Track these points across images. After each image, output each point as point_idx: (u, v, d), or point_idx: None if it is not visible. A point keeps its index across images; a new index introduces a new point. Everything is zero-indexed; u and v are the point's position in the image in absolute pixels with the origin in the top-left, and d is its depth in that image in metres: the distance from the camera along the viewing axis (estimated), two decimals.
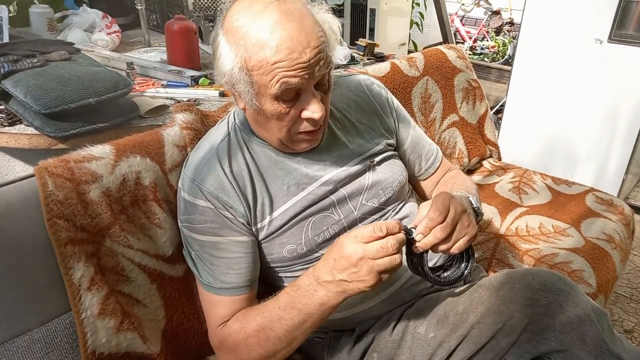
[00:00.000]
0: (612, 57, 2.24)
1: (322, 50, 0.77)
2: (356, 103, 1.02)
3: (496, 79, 4.73)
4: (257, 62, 0.75)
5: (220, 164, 0.88)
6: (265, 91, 0.77)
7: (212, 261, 0.87)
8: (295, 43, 0.74)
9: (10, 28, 1.74)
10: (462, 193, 0.93)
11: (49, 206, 0.78)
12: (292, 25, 0.75)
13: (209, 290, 0.88)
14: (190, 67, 1.69)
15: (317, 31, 0.77)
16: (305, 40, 0.75)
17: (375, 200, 0.96)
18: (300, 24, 0.75)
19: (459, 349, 0.85)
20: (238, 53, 0.77)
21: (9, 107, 1.27)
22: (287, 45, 0.74)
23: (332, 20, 0.83)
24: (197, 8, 2.23)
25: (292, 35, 0.74)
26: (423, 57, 1.69)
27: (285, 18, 0.75)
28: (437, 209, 0.78)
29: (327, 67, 0.79)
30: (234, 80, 0.79)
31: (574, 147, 2.47)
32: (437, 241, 0.77)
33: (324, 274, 0.75)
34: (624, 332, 1.78)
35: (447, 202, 0.79)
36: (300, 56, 0.74)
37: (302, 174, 0.91)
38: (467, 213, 0.82)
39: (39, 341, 0.80)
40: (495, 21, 5.67)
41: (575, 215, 1.49)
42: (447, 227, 0.77)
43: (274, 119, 0.81)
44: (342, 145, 0.96)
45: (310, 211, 0.91)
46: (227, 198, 0.86)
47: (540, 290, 0.83)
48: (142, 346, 0.86)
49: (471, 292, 0.89)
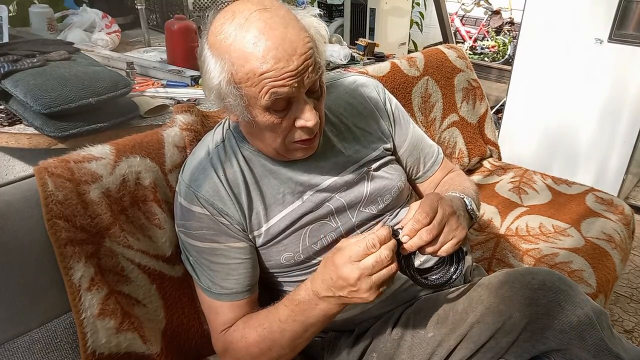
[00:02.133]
0: (612, 57, 2.24)
1: (310, 57, 0.75)
2: (352, 106, 1.00)
3: (496, 79, 4.72)
4: (244, 75, 0.73)
5: (215, 170, 0.87)
6: (255, 103, 0.76)
7: (210, 267, 0.87)
8: (280, 52, 0.72)
9: (10, 28, 1.74)
10: (457, 194, 0.91)
11: (49, 206, 0.78)
12: (276, 33, 0.73)
13: (209, 295, 0.88)
14: (190, 66, 1.69)
15: (303, 37, 0.74)
16: (291, 47, 0.73)
17: (373, 207, 0.96)
18: (285, 31, 0.73)
19: (458, 348, 0.85)
20: (224, 67, 0.75)
21: (8, 106, 1.27)
22: (273, 55, 0.72)
23: (318, 24, 0.81)
24: (197, 8, 2.23)
25: (276, 44, 0.72)
26: (423, 57, 1.69)
27: (268, 27, 0.73)
28: (424, 210, 0.76)
29: (317, 73, 0.77)
30: (223, 94, 0.77)
31: (574, 147, 2.47)
32: (423, 243, 0.75)
33: (323, 290, 0.75)
34: (624, 332, 1.78)
35: (435, 204, 0.77)
36: (287, 65, 0.72)
37: (297, 183, 0.90)
38: (457, 215, 0.80)
39: (39, 341, 0.80)
40: (495, 21, 5.67)
41: (575, 215, 1.49)
42: (433, 230, 0.75)
43: (267, 130, 0.80)
44: (337, 151, 0.95)
45: (307, 219, 0.90)
46: (223, 205, 0.86)
47: (539, 290, 0.82)
48: (142, 346, 0.86)
49: (470, 292, 0.89)
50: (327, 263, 0.75)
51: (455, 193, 0.92)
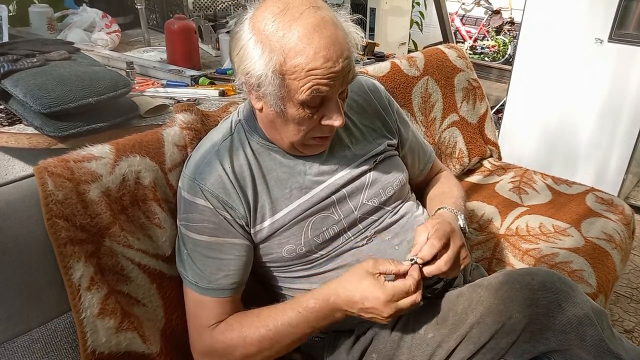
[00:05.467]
0: (612, 57, 2.24)
1: (351, 61, 0.79)
2: (358, 104, 1.03)
3: (496, 79, 4.72)
4: (291, 67, 0.76)
5: (222, 163, 0.88)
6: (293, 96, 0.78)
7: (203, 261, 0.87)
8: (331, 52, 0.75)
9: (10, 27, 1.74)
10: (453, 211, 0.98)
11: (49, 206, 0.78)
12: (328, 33, 0.76)
13: (195, 290, 0.88)
14: (190, 66, 1.69)
15: (347, 41, 0.79)
16: (340, 50, 0.76)
17: (375, 199, 0.96)
18: (335, 33, 0.77)
19: (458, 349, 0.85)
20: (273, 56, 0.76)
21: (8, 106, 1.27)
22: (324, 54, 0.75)
23: (355, 32, 0.84)
24: (197, 7, 2.23)
25: (328, 44, 0.75)
26: (423, 57, 1.69)
27: (322, 26, 0.76)
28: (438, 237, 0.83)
29: (352, 78, 0.82)
30: (262, 81, 0.78)
31: (575, 147, 2.47)
32: (439, 272, 0.83)
33: (347, 306, 0.80)
34: (624, 332, 1.78)
35: (447, 234, 0.85)
36: (334, 65, 0.76)
37: (305, 177, 0.91)
38: (465, 246, 0.88)
39: (38, 341, 0.80)
40: (495, 20, 5.67)
41: (575, 215, 1.49)
42: (449, 262, 0.83)
43: (294, 122, 0.82)
44: (345, 147, 0.97)
45: (310, 212, 0.91)
46: (227, 198, 0.86)
47: (539, 290, 0.83)
48: (142, 346, 0.86)
49: (470, 292, 0.89)
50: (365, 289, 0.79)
51: (451, 210, 0.98)
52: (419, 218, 1.02)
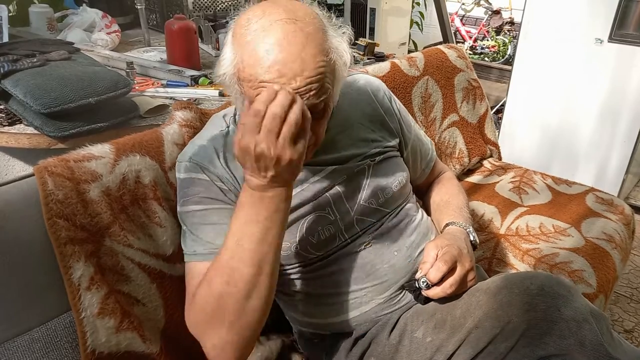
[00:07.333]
0: (612, 57, 2.24)
1: (318, 81, 0.73)
2: (358, 103, 1.02)
3: (496, 79, 4.73)
4: (248, 75, 0.73)
5: (217, 153, 0.88)
6: (251, 102, 0.75)
7: (201, 229, 0.84)
8: (287, 69, 0.71)
9: (10, 27, 1.75)
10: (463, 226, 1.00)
11: (49, 205, 0.78)
12: (291, 49, 0.71)
13: (195, 259, 0.83)
14: (190, 66, 1.69)
15: (317, 61, 0.73)
16: (299, 68, 0.71)
17: (373, 200, 0.96)
18: (301, 49, 0.72)
19: (457, 353, 0.84)
20: (234, 60, 0.75)
21: (8, 106, 1.27)
22: (278, 69, 0.71)
23: (344, 50, 0.79)
24: (197, 8, 2.23)
25: (286, 59, 0.71)
26: (423, 57, 1.69)
27: (287, 40, 0.72)
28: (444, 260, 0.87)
29: (319, 98, 0.75)
30: (226, 82, 0.78)
31: (575, 147, 2.47)
32: (445, 295, 0.87)
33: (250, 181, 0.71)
34: (624, 332, 1.78)
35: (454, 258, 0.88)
36: (288, 82, 0.71)
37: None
38: (473, 269, 0.91)
39: (38, 340, 0.80)
40: (495, 21, 5.68)
41: (575, 215, 1.49)
42: (455, 284, 0.87)
43: None
44: (341, 145, 0.96)
45: (305, 209, 0.90)
46: (222, 175, 0.87)
47: (538, 295, 0.82)
48: (142, 345, 0.86)
49: (469, 297, 0.89)
50: None
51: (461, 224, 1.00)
52: (418, 222, 1.01)
